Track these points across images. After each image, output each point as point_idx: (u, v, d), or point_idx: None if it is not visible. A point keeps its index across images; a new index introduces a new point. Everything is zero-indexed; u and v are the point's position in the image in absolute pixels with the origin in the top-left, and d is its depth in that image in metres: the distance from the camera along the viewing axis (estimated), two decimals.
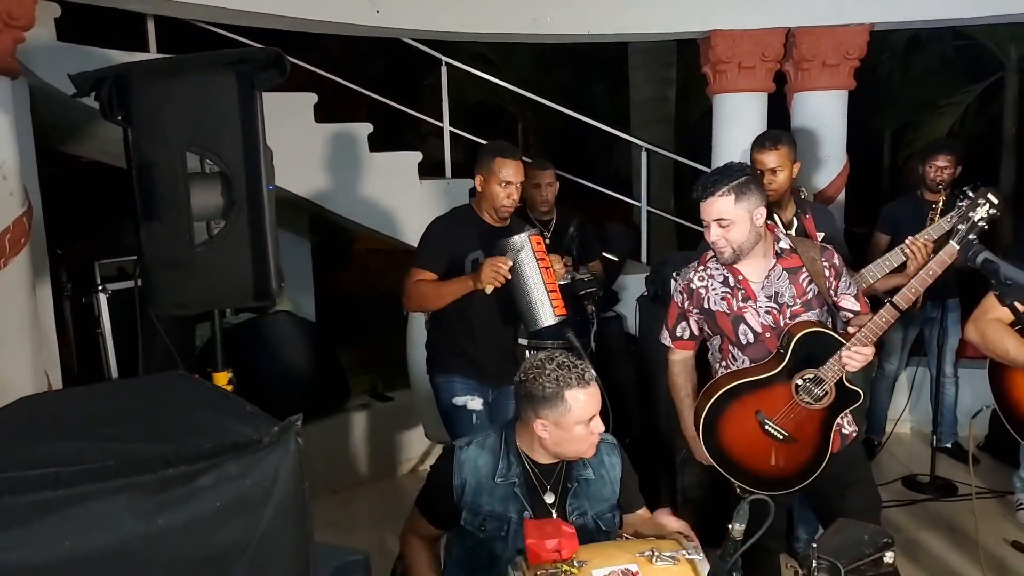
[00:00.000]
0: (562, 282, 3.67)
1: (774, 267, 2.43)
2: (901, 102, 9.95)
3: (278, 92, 4.65)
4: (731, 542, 1.23)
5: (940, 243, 3.83)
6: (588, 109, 7.72)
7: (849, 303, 2.47)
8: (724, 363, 2.54)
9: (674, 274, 3.83)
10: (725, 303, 2.46)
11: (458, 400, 2.95)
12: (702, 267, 2.52)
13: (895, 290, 2.37)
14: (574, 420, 1.91)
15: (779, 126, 5.14)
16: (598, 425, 1.95)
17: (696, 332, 2.57)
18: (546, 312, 2.77)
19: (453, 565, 2.11)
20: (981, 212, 3.13)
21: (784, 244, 2.47)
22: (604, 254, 4.55)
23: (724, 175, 2.36)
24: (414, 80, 8.21)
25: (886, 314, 2.26)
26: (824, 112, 4.82)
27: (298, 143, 4.61)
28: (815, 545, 1.34)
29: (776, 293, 2.41)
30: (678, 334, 2.59)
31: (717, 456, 2.44)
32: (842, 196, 4.87)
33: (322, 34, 5.09)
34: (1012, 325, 2.18)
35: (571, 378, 1.91)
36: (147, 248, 2.21)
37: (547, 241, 3.89)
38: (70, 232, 4.95)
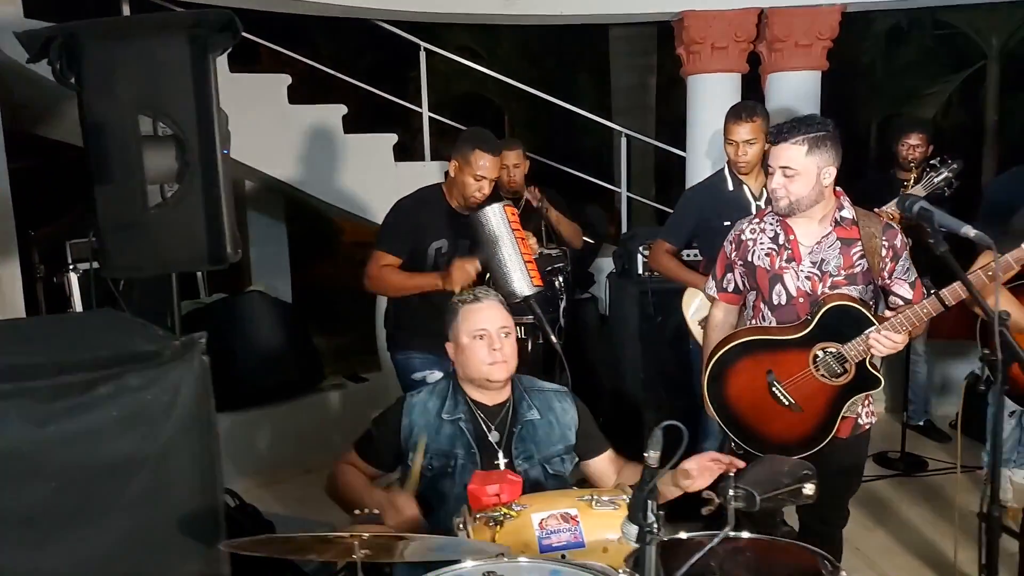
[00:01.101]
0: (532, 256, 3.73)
1: (828, 234, 2.32)
2: (887, 93, 10.00)
3: (251, 74, 4.66)
4: (647, 470, 1.24)
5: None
6: (573, 98, 7.73)
7: (903, 289, 2.32)
8: (754, 321, 2.46)
9: (640, 247, 3.86)
10: (768, 259, 2.37)
11: (417, 375, 2.94)
12: (758, 219, 2.45)
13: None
14: (464, 331, 2.06)
15: None
16: (496, 343, 2.04)
17: (740, 286, 2.49)
18: (524, 282, 2.72)
19: None
20: (939, 177, 3.17)
21: (847, 214, 2.34)
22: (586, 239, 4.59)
23: (803, 123, 2.27)
24: (403, 72, 8.24)
25: (928, 306, 2.15)
26: (798, 92, 4.83)
27: (272, 125, 4.62)
28: (732, 475, 1.35)
29: (823, 260, 2.31)
30: (724, 285, 2.51)
31: (718, 405, 2.39)
32: None
33: (314, 28, 5.13)
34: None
35: (467, 297, 2.14)
36: (101, 210, 2.21)
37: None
38: (44, 213, 4.93)
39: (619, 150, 5.86)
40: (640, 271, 3.81)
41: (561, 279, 3.84)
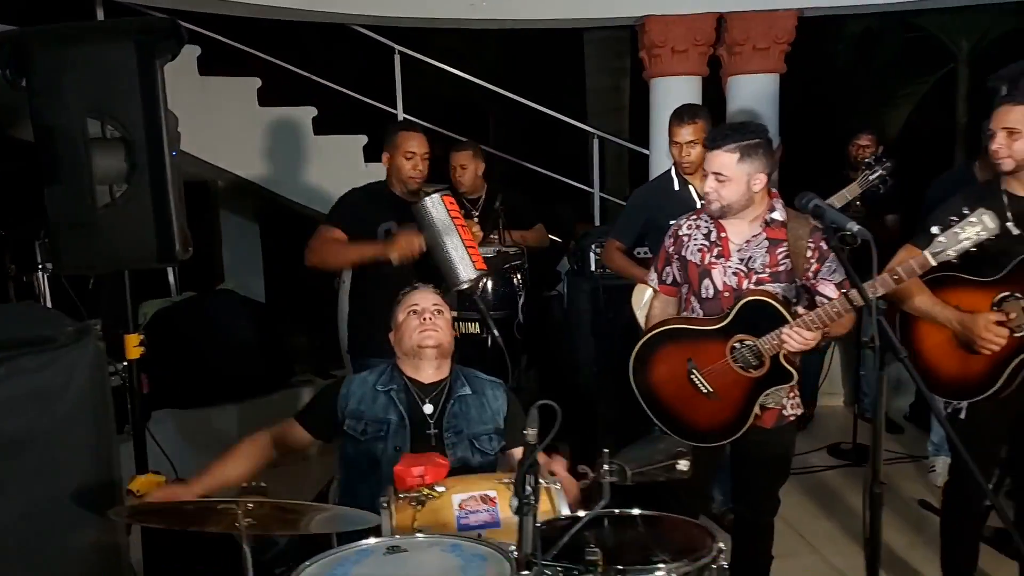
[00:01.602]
0: (489, 254, 3.82)
1: (758, 234, 2.41)
2: (861, 95, 10.11)
3: (222, 77, 4.76)
4: (526, 447, 1.34)
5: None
6: (557, 101, 7.81)
7: (828, 289, 2.37)
8: (685, 312, 2.57)
9: (592, 246, 3.97)
10: (700, 254, 2.47)
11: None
12: (695, 217, 2.55)
13: None
14: (400, 311, 2.30)
15: (720, 110, 5.31)
16: (428, 317, 2.25)
17: (677, 279, 2.58)
18: (467, 266, 2.76)
19: (342, 468, 2.29)
20: (874, 175, 3.29)
21: (778, 216, 2.42)
22: (551, 236, 4.69)
23: (738, 131, 2.37)
24: (389, 75, 8.30)
25: (838, 304, 2.23)
26: (757, 95, 4.95)
27: (242, 127, 4.72)
28: (606, 450, 1.46)
29: (750, 258, 2.41)
30: (663, 278, 2.62)
31: (643, 390, 2.50)
32: (776, 175, 4.99)
33: (296, 31, 5.22)
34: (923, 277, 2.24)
35: (406, 288, 2.37)
36: (51, 210, 2.30)
37: (476, 215, 4.03)
38: (20, 214, 5.02)
39: (592, 151, 5.96)
40: (593, 268, 3.92)
41: (519, 276, 3.94)
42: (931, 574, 2.87)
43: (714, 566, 1.49)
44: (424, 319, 2.24)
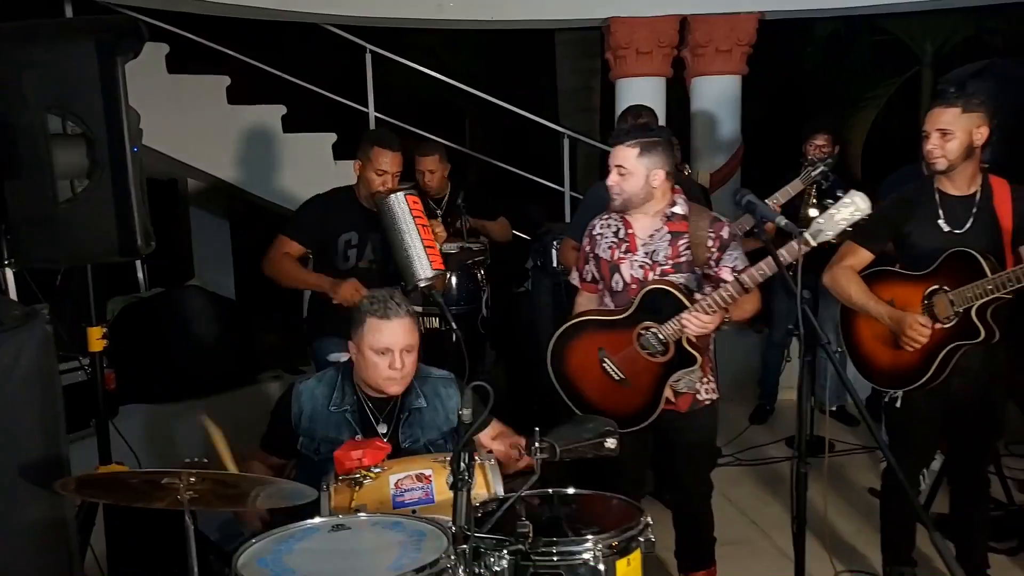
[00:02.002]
0: (452, 250, 3.89)
1: (660, 228, 2.53)
2: (829, 97, 10.28)
3: (192, 75, 4.79)
4: (460, 426, 1.42)
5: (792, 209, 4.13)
6: (530, 101, 7.86)
7: (726, 274, 2.47)
8: (600, 306, 2.68)
9: (554, 242, 4.06)
10: (610, 251, 2.59)
11: (332, 356, 3.09)
12: (607, 216, 2.67)
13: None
14: (367, 345, 2.13)
15: (684, 110, 5.43)
16: (397, 362, 2.12)
17: (596, 276, 2.68)
18: (423, 265, 2.81)
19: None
20: (816, 171, 3.41)
21: (679, 210, 2.53)
22: (519, 233, 4.77)
23: (640, 129, 2.51)
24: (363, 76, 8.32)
25: (731, 287, 2.33)
26: (720, 95, 5.08)
27: (212, 125, 4.75)
28: (537, 429, 1.54)
29: (654, 251, 2.52)
30: (584, 276, 2.73)
31: (562, 381, 2.62)
32: (738, 175, 5.13)
33: (270, 30, 5.25)
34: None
35: (376, 308, 2.14)
36: (10, 205, 2.33)
37: (439, 213, 4.09)
38: None
39: (563, 151, 6.04)
40: (555, 264, 4.00)
41: (483, 272, 4.02)
42: (875, 557, 2.97)
43: (641, 538, 1.57)
44: (393, 368, 2.14)
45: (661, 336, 2.44)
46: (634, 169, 2.44)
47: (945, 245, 2.45)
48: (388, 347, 2.13)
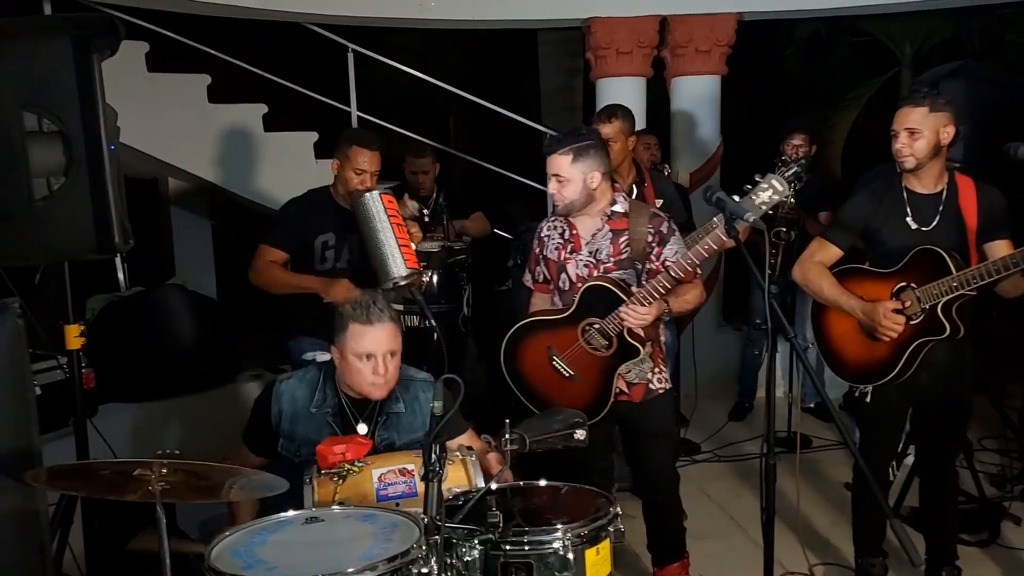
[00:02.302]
0: (434, 248, 3.91)
1: (602, 227, 2.59)
2: (811, 97, 10.38)
3: (172, 73, 4.78)
4: (432, 418, 1.44)
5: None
6: (515, 100, 7.87)
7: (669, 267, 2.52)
8: (552, 306, 2.74)
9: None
10: (557, 252, 2.67)
11: (307, 355, 3.10)
12: (554, 219, 2.74)
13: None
14: (350, 351, 2.13)
15: (664, 110, 5.47)
16: (380, 367, 2.13)
17: (547, 277, 2.76)
18: (397, 264, 2.76)
19: None
20: (790, 171, 3.45)
21: (619, 208, 2.59)
22: (500, 232, 4.80)
23: (570, 136, 2.55)
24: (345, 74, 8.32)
25: (662, 278, 2.42)
26: (700, 95, 5.12)
27: (192, 124, 4.74)
28: (508, 421, 1.56)
29: (597, 250, 2.59)
30: (536, 277, 2.80)
31: (515, 379, 2.68)
32: (717, 174, 5.18)
33: (253, 29, 5.24)
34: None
35: (359, 313, 2.14)
36: None
37: (426, 212, 4.11)
38: None
39: None
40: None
41: (464, 270, 4.04)
42: (849, 549, 3.02)
43: (610, 528, 1.60)
44: (377, 373, 2.14)
45: (603, 331, 2.50)
46: (571, 176, 2.50)
47: (913, 242, 2.50)
48: (371, 352, 2.13)
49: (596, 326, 2.51)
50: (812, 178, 4.10)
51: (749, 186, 2.23)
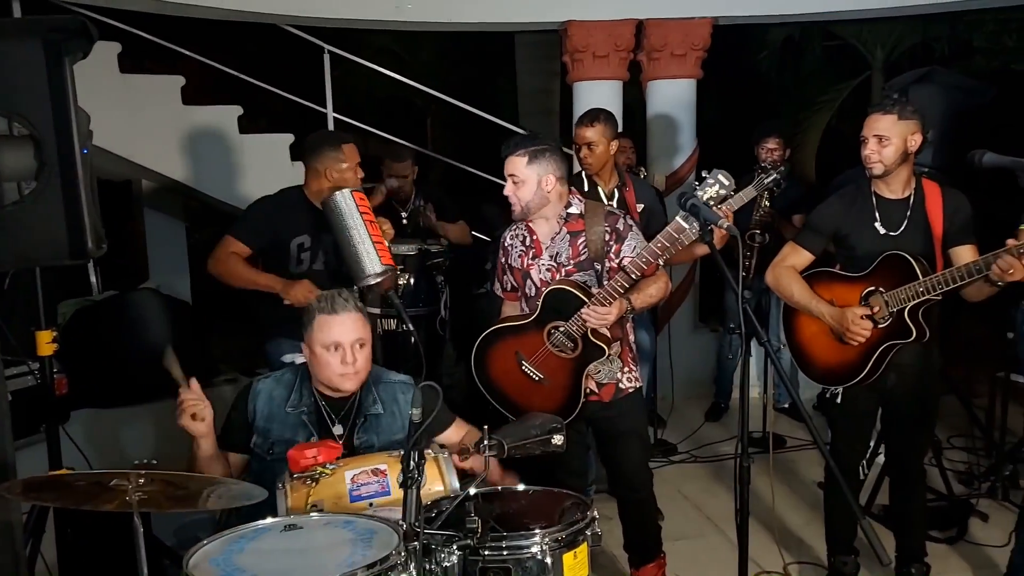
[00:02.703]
0: (411, 251, 3.91)
1: (560, 231, 2.65)
2: (785, 100, 10.51)
3: (145, 75, 4.74)
4: (411, 425, 1.45)
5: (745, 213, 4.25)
6: (492, 102, 7.85)
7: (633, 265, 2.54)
8: (521, 312, 2.77)
9: None
10: (520, 259, 2.73)
11: (286, 358, 3.08)
12: (515, 227, 2.77)
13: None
14: (318, 343, 2.14)
15: (640, 113, 5.51)
16: (349, 357, 2.13)
17: (513, 284, 2.80)
18: (372, 261, 2.77)
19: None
20: (769, 179, 3.50)
21: (574, 210, 2.64)
22: (479, 235, 4.80)
23: (525, 139, 2.62)
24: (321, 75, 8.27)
25: (619, 277, 2.46)
26: (675, 99, 5.16)
27: (166, 126, 4.70)
28: (487, 427, 1.58)
29: (557, 253, 2.64)
30: (504, 286, 2.84)
31: (487, 385, 2.72)
32: (692, 177, 5.22)
33: (226, 30, 5.19)
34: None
35: (325, 304, 2.16)
36: None
37: (404, 214, 4.11)
38: None
39: None
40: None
41: (442, 273, 4.04)
42: (823, 548, 3.07)
43: (588, 532, 1.62)
44: (345, 362, 2.13)
45: (567, 333, 2.54)
46: (526, 177, 2.56)
47: (881, 247, 2.55)
48: (338, 342, 2.12)
49: (560, 329, 2.55)
50: (785, 185, 4.15)
51: (696, 182, 2.29)
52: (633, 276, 2.45)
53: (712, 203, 2.20)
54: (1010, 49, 7.87)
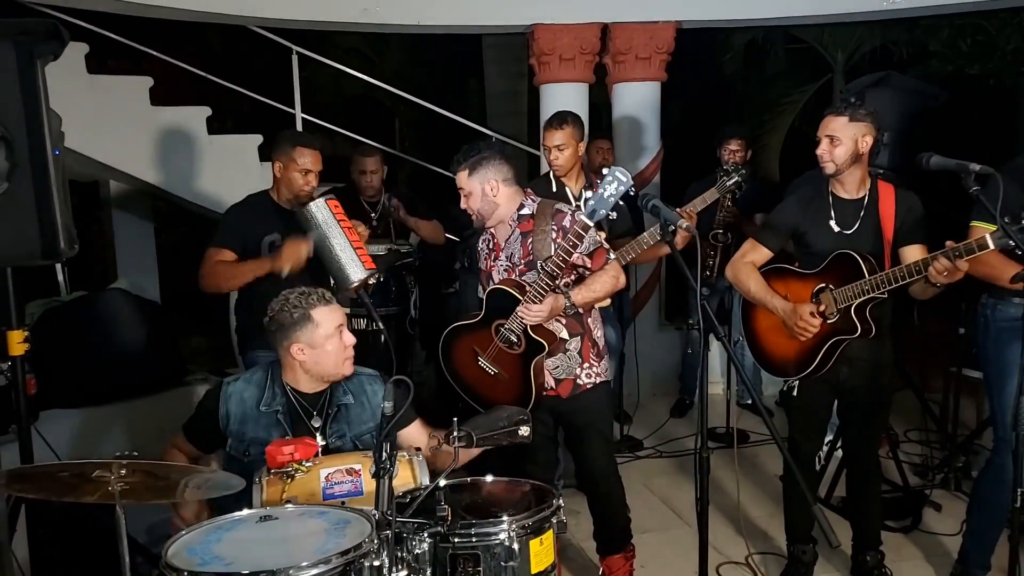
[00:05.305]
0: (380, 251, 3.95)
1: (514, 232, 2.72)
2: (749, 102, 10.70)
3: (113, 75, 4.72)
4: (383, 417, 1.51)
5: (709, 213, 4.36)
6: (461, 103, 7.86)
7: (580, 262, 2.67)
8: None
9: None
10: (485, 262, 2.83)
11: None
12: (485, 232, 2.85)
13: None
14: (324, 335, 2.21)
15: (606, 116, 5.60)
16: (349, 337, 2.25)
17: (487, 285, 2.84)
18: (356, 267, 2.83)
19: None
20: (731, 181, 3.61)
21: (526, 211, 2.71)
22: (449, 235, 4.84)
23: (467, 153, 2.70)
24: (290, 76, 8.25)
25: (544, 276, 2.54)
26: (640, 101, 5.26)
27: (134, 126, 4.69)
28: (456, 419, 1.64)
29: (512, 254, 2.73)
30: (485, 287, 2.86)
31: (454, 378, 2.83)
32: (657, 178, 5.34)
33: (193, 30, 5.18)
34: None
35: (314, 299, 2.23)
36: None
37: (374, 216, 4.14)
38: None
39: None
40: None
41: (411, 273, 4.09)
42: (783, 537, 3.17)
43: (553, 519, 1.69)
44: (346, 343, 2.25)
45: (511, 330, 2.63)
46: (471, 188, 2.68)
47: (836, 245, 2.66)
48: (340, 323, 2.24)
49: (505, 326, 2.64)
50: (747, 187, 4.26)
51: (599, 180, 2.38)
52: (553, 274, 2.53)
53: (613, 199, 2.34)
54: (964, 54, 8.10)
